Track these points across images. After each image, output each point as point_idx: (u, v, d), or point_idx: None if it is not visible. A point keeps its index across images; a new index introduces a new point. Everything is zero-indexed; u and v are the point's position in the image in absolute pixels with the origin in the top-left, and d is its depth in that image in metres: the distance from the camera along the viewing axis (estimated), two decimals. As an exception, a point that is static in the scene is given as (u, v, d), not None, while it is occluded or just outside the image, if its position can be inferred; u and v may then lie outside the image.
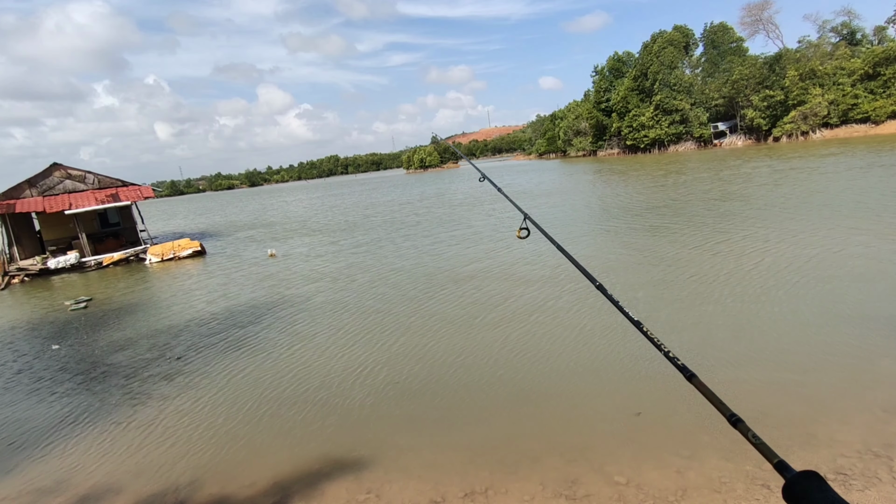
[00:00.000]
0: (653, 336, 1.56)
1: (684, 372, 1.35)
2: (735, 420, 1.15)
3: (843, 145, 44.16)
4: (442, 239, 20.95)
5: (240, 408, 7.62)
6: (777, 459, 1.01)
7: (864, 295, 9.01)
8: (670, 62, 71.62)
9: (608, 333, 8.70)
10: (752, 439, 1.08)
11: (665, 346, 1.49)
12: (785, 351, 7.30)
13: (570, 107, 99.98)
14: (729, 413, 1.17)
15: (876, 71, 56.22)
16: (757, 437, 1.08)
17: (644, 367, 7.31)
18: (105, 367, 10.16)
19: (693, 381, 1.32)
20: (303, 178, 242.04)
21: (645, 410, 6.22)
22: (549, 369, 7.67)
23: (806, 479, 0.92)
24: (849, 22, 65.60)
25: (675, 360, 1.40)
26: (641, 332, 1.60)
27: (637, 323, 1.65)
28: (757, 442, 1.07)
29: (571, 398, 6.77)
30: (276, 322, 11.78)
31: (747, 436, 1.10)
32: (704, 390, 1.26)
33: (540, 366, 7.83)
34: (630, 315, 1.71)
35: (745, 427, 1.11)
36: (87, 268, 24.87)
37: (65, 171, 26.53)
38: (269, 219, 42.74)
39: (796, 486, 0.92)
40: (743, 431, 1.11)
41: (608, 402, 6.57)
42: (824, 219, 15.41)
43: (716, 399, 1.22)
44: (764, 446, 1.05)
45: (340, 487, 5.40)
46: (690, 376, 1.34)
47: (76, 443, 7.14)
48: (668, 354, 1.44)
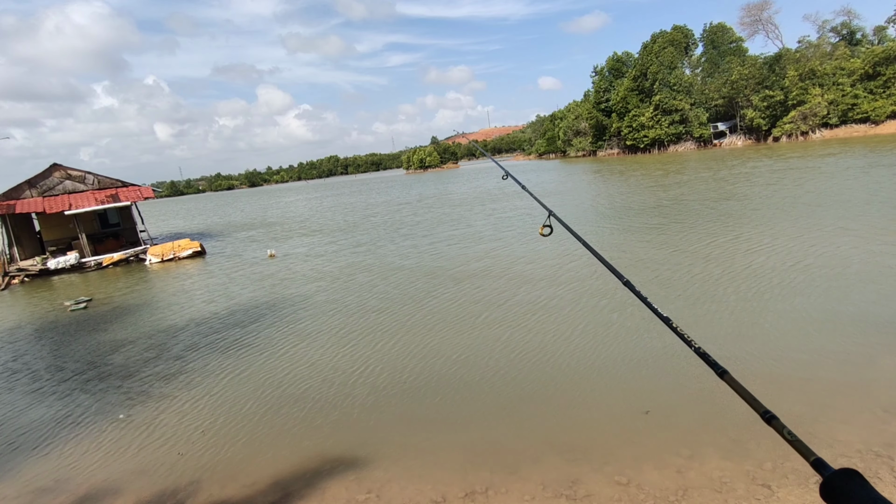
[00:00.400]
0: (683, 332, 1.55)
1: (715, 368, 1.34)
2: (769, 417, 1.13)
3: (843, 145, 44.17)
4: (442, 238, 20.95)
5: (240, 407, 7.61)
6: (814, 457, 0.99)
7: (865, 295, 9.01)
8: (670, 62, 71.64)
9: (607, 333, 8.69)
10: (787, 436, 1.06)
11: (695, 343, 1.47)
12: (785, 350, 7.30)
13: (569, 107, 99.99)
14: (763, 409, 1.15)
15: (876, 71, 56.23)
16: (792, 434, 1.05)
17: (643, 367, 7.31)
18: (104, 367, 10.15)
19: (725, 378, 1.30)
20: (303, 178, 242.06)
21: (645, 410, 6.21)
22: (549, 369, 7.66)
23: (846, 476, 0.90)
24: (848, 22, 65.67)
25: (706, 356, 1.38)
26: (671, 328, 1.59)
27: (666, 319, 1.63)
28: (792, 439, 1.05)
29: (572, 398, 6.77)
30: (276, 322, 11.77)
31: (783, 433, 1.07)
32: (737, 386, 1.25)
33: (540, 365, 7.82)
34: (659, 311, 1.70)
35: (780, 424, 1.09)
36: (87, 268, 24.86)
37: (65, 172, 26.52)
38: (269, 219, 42.74)
39: (836, 485, 0.90)
40: (778, 429, 1.09)
41: (609, 401, 6.57)
42: (823, 219, 15.40)
43: (748, 395, 1.20)
44: (800, 443, 1.03)
45: (340, 487, 5.40)
46: (722, 373, 1.32)
47: (76, 443, 7.14)
48: (698, 350, 1.43)
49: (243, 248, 26.35)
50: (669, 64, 71.64)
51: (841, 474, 0.90)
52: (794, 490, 4.52)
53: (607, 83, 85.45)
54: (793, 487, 4.55)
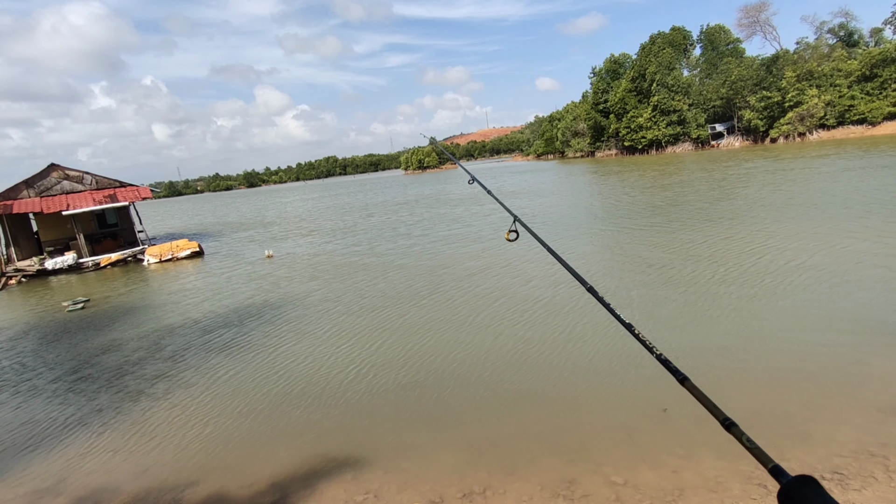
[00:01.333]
0: (644, 339, 1.56)
1: (676, 375, 1.35)
2: (728, 424, 1.14)
3: (840, 146, 44.31)
4: (439, 238, 20.96)
5: (238, 407, 7.62)
6: (772, 464, 1.00)
7: (860, 295, 9.05)
8: (668, 63, 71.79)
9: (605, 333, 8.72)
10: (746, 443, 1.07)
11: (657, 349, 1.48)
12: (779, 350, 7.34)
13: (567, 108, 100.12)
14: (722, 417, 1.16)
15: (873, 72, 56.40)
16: (751, 441, 1.07)
17: (641, 368, 7.34)
18: (101, 367, 10.15)
19: (685, 385, 1.31)
20: (301, 178, 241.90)
21: (641, 411, 6.24)
22: (547, 369, 7.69)
23: (803, 484, 0.91)
24: (846, 23, 65.79)
25: (667, 363, 1.40)
26: (633, 334, 1.59)
27: (629, 326, 1.64)
28: (751, 446, 1.06)
29: (569, 398, 6.79)
30: (273, 322, 11.78)
31: (741, 440, 1.09)
32: (697, 393, 1.26)
33: (537, 365, 7.85)
34: (621, 317, 1.71)
35: (739, 431, 1.11)
36: (85, 269, 24.82)
37: (62, 172, 26.49)
38: (267, 219, 42.71)
39: (793, 492, 0.91)
40: (737, 435, 1.10)
41: (606, 402, 6.60)
42: (820, 220, 15.46)
43: (709, 402, 1.21)
44: (758, 450, 1.05)
45: (339, 488, 5.41)
46: (683, 379, 1.33)
47: (72, 443, 7.14)
48: (659, 357, 1.44)
49: (241, 248, 26.34)
50: (668, 65, 71.78)
51: (798, 481, 0.92)
52: (790, 490, 4.54)
53: (605, 84, 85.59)
54: (788, 487, 4.57)
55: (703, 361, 7.32)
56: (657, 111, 72.38)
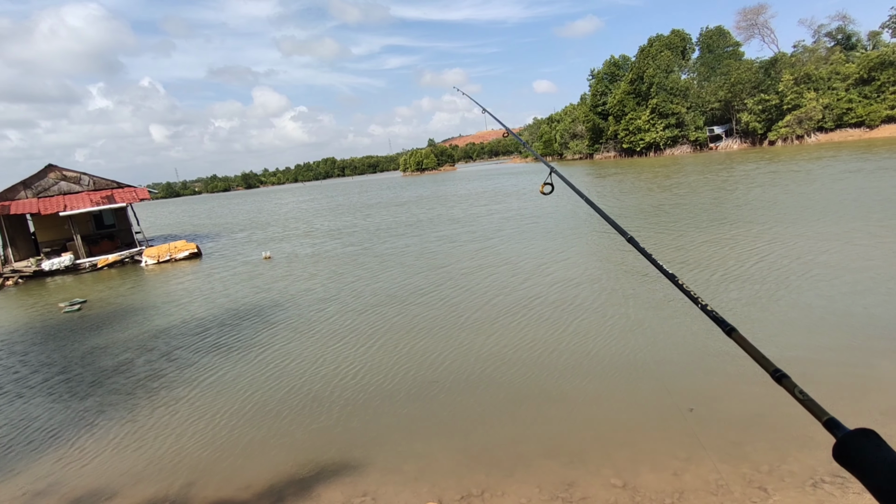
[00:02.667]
0: (689, 289, 1.49)
1: (723, 326, 1.29)
2: (780, 376, 1.09)
3: (838, 149, 44.41)
4: (436, 237, 20.94)
5: (234, 409, 7.57)
6: (827, 417, 0.95)
7: (862, 298, 9.03)
8: (667, 66, 71.91)
9: (603, 333, 8.69)
10: (798, 395, 1.02)
11: (702, 300, 1.41)
12: (781, 353, 7.31)
13: (566, 110, 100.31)
14: (773, 368, 1.11)
15: (870, 75, 56.56)
16: (804, 394, 1.01)
17: (637, 369, 7.30)
18: (98, 369, 10.08)
19: (733, 336, 1.25)
20: (299, 180, 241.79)
21: (641, 412, 6.20)
22: (545, 370, 7.65)
23: (862, 436, 0.85)
24: (844, 27, 66.06)
25: (713, 314, 1.34)
26: (676, 285, 1.53)
27: (671, 276, 1.58)
28: (804, 398, 1.01)
29: (568, 400, 6.75)
30: (271, 323, 11.72)
31: (793, 392, 1.03)
32: (745, 344, 1.20)
33: (535, 366, 7.81)
34: (664, 268, 1.66)
35: (791, 383, 1.05)
36: (82, 270, 24.72)
37: (60, 173, 26.41)
38: (265, 220, 42.64)
39: (849, 445, 0.85)
40: (789, 388, 1.05)
41: (605, 404, 6.56)
42: (819, 220, 15.46)
43: (758, 354, 1.16)
44: (812, 402, 0.99)
45: (336, 490, 5.37)
46: (730, 330, 1.27)
47: (69, 446, 7.08)
48: (705, 308, 1.38)
49: (239, 249, 26.27)
50: (666, 67, 71.91)
51: (856, 434, 0.86)
52: (791, 493, 4.51)
53: (604, 86, 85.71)
54: (789, 490, 4.54)
55: (701, 361, 7.29)
56: (655, 113, 72.48)
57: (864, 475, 0.82)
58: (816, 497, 4.43)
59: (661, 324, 8.98)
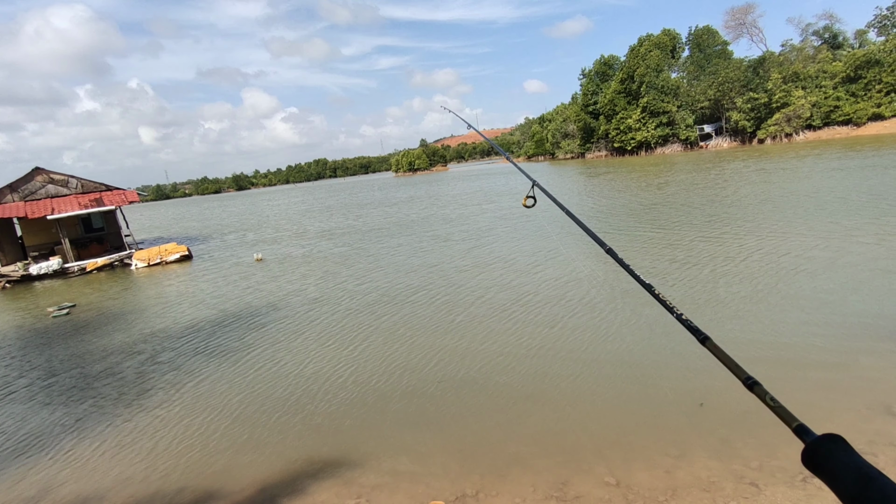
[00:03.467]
0: (664, 299, 1.52)
1: (697, 335, 1.31)
2: (751, 383, 1.11)
3: (826, 147, 44.90)
4: (429, 236, 20.92)
5: (225, 412, 7.52)
6: (796, 423, 0.97)
7: (847, 294, 9.14)
8: (657, 65, 72.35)
9: (595, 331, 8.72)
10: (769, 402, 1.05)
11: (677, 310, 1.44)
12: (767, 349, 7.37)
13: (557, 109, 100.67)
14: (745, 376, 1.13)
15: (857, 74, 57.25)
16: (775, 401, 1.04)
17: (632, 367, 7.34)
18: (86, 373, 9.98)
19: (706, 344, 1.28)
20: (291, 181, 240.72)
21: (634, 410, 6.24)
22: (538, 369, 7.67)
23: (830, 441, 0.86)
24: (830, 25, 66.87)
25: (687, 323, 1.36)
26: (653, 294, 1.57)
27: (648, 286, 1.62)
28: (775, 405, 1.03)
29: (561, 399, 6.77)
30: (264, 326, 11.66)
31: (765, 399, 1.06)
32: (718, 352, 1.23)
33: (528, 366, 7.82)
34: (641, 278, 1.69)
35: (763, 390, 1.08)
36: (71, 274, 24.47)
37: (47, 176, 26.13)
38: (257, 222, 42.41)
39: (818, 451, 0.86)
40: (760, 395, 1.08)
41: (598, 402, 6.59)
42: (813, 219, 15.63)
43: (731, 361, 1.18)
44: (782, 409, 1.02)
45: (330, 493, 5.35)
46: (704, 339, 1.29)
47: (57, 451, 7.00)
48: (680, 317, 1.40)
49: (230, 251, 26.11)
50: (656, 67, 72.35)
51: (824, 439, 0.87)
52: (781, 488, 4.56)
53: (595, 86, 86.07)
54: (779, 485, 4.59)
55: (692, 359, 7.33)
56: (646, 112, 72.91)
57: (831, 480, 0.83)
58: (806, 492, 4.48)
59: (652, 321, 9.02)
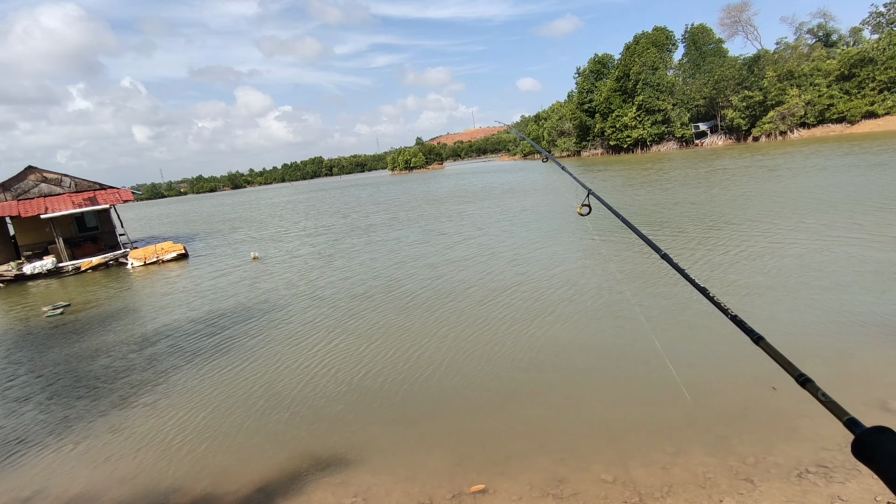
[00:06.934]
0: (719, 301, 1.66)
1: (751, 335, 1.40)
2: (804, 380, 1.17)
3: (820, 144, 45.10)
4: (425, 234, 20.90)
5: (224, 413, 7.49)
6: (847, 417, 1.02)
7: (843, 291, 9.18)
8: (652, 63, 72.47)
9: (591, 329, 8.74)
10: (821, 398, 1.11)
11: (731, 311, 1.56)
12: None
13: (553, 107, 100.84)
14: (798, 373, 1.20)
15: (851, 72, 57.49)
16: (826, 396, 1.10)
17: (629, 365, 7.36)
18: (82, 373, 9.92)
19: (760, 344, 1.36)
20: (286, 180, 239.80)
21: (631, 407, 6.25)
22: (534, 367, 7.67)
23: (879, 433, 0.91)
24: (825, 24, 67.18)
25: (742, 324, 1.46)
26: (707, 297, 1.70)
27: (703, 290, 1.76)
28: (826, 400, 1.09)
29: (558, 397, 6.78)
30: (261, 325, 11.63)
31: (817, 395, 1.12)
32: (772, 352, 1.31)
33: (524, 363, 7.83)
34: (696, 282, 1.84)
35: (815, 386, 1.14)
36: (65, 273, 24.32)
37: (40, 175, 25.94)
38: (253, 221, 42.27)
39: (867, 441, 0.91)
40: (812, 391, 1.14)
41: (595, 399, 6.60)
42: (809, 217, 15.70)
43: (784, 360, 1.26)
44: (833, 404, 1.07)
45: (326, 491, 5.34)
46: (758, 339, 1.38)
47: (53, 452, 6.96)
48: (735, 318, 1.51)
49: (227, 250, 26.02)
50: (652, 64, 72.47)
51: (873, 431, 0.92)
52: (776, 483, 4.58)
53: (590, 84, 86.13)
54: (775, 481, 4.61)
55: (690, 356, 7.36)
56: (642, 110, 73.04)
57: (880, 469, 0.88)
58: (801, 487, 4.50)
59: (648, 319, 9.05)
